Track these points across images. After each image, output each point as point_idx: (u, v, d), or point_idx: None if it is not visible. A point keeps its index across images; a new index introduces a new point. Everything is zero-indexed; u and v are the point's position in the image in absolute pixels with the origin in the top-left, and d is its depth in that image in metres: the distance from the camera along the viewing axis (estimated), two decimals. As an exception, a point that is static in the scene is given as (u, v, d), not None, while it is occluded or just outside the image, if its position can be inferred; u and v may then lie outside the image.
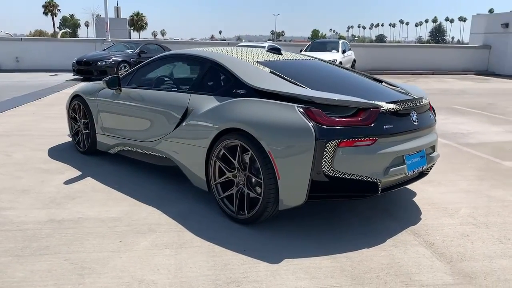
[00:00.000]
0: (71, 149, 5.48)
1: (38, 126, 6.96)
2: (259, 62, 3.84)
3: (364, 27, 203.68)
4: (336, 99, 3.08)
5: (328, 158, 2.93)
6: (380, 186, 3.10)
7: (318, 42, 18.84)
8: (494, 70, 20.85)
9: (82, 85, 5.56)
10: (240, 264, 2.78)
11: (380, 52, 21.05)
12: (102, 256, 2.85)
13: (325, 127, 2.95)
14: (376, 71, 18.96)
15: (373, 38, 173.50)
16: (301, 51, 17.53)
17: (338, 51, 17.07)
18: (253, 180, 3.26)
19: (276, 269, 2.72)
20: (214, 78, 3.93)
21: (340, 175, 2.98)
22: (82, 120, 5.23)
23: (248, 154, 3.24)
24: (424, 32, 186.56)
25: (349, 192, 3.09)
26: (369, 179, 3.05)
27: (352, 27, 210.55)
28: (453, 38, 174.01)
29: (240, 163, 3.31)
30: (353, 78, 4.00)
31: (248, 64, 3.79)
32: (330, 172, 2.96)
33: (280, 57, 4.17)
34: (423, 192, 4.13)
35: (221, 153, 3.44)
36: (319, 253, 2.92)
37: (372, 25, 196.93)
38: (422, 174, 3.58)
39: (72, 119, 5.43)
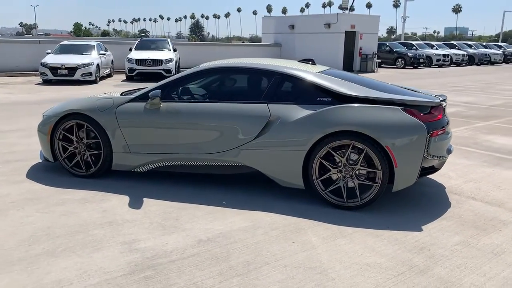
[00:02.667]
0: (62, 174, 4.84)
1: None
2: (322, 72, 4.47)
3: (125, 21, 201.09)
4: (419, 100, 4.06)
5: (428, 146, 3.91)
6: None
7: (146, 40, 18.77)
8: (287, 64, 24.57)
9: (76, 101, 4.92)
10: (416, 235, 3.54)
11: (196, 50, 22.14)
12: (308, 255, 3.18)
13: (426, 122, 3.91)
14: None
15: (136, 32, 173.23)
16: (130, 49, 17.21)
17: (170, 50, 17.45)
18: (362, 171, 3.96)
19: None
20: (291, 88, 4.34)
21: (431, 158, 4.00)
22: (86, 141, 4.72)
23: (348, 151, 3.91)
24: (184, 27, 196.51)
25: (433, 170, 4.14)
26: (443, 158, 4.17)
27: (113, 20, 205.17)
28: (208, 33, 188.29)
29: (348, 159, 3.96)
30: (378, 82, 4.89)
31: (319, 74, 4.37)
32: (428, 157, 3.95)
33: (321, 66, 4.81)
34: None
35: (324, 153, 4.00)
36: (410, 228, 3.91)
37: (133, 19, 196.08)
38: None
39: (62, 141, 4.79)
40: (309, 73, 4.37)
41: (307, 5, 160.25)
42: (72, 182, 4.67)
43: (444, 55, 28.16)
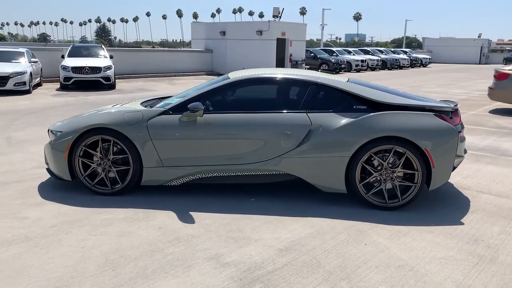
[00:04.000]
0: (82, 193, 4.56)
1: None
2: (350, 81, 4.72)
3: (22, 25, 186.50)
4: (443, 106, 4.48)
5: (457, 147, 4.34)
6: None
7: (79, 46, 17.76)
8: (218, 71, 24.64)
9: (98, 115, 4.67)
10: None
11: (128, 56, 21.35)
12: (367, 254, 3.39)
13: (454, 126, 4.33)
14: (126, 74, 19.56)
15: (35, 37, 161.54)
16: (63, 56, 16.24)
17: (106, 57, 16.75)
18: (400, 174, 4.27)
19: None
20: (327, 97, 4.52)
21: (457, 157, 4.44)
22: (112, 157, 4.50)
23: (389, 155, 4.22)
24: (90, 32, 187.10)
25: (453, 168, 4.59)
26: (462, 157, 4.63)
27: (7, 23, 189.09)
28: (115, 37, 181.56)
29: (388, 163, 4.26)
30: (394, 89, 5.22)
31: (349, 84, 4.62)
32: (456, 157, 4.38)
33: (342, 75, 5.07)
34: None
35: (366, 158, 4.25)
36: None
37: (32, 22, 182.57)
38: None
39: (83, 157, 4.52)
40: (342, 82, 4.61)
41: (240, 10, 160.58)
42: (98, 200, 4.43)
43: (362, 61, 30.15)
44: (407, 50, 42.11)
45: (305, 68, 24.00)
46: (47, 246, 3.42)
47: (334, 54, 29.82)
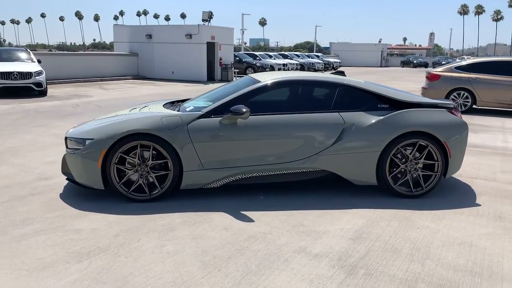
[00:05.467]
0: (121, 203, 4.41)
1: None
2: (366, 82, 5.13)
3: None
4: (449, 103, 5.07)
5: (466, 139, 4.95)
6: None
7: (1, 50, 16.22)
8: (145, 75, 24.09)
9: (135, 120, 4.53)
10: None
11: (52, 60, 19.96)
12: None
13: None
14: (50, 80, 18.46)
15: None
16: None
17: (34, 61, 15.60)
18: (421, 165, 4.76)
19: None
20: (355, 98, 4.85)
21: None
22: (151, 162, 4.42)
23: (414, 148, 4.71)
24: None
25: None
26: None
27: None
28: (5, 40, 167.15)
29: (413, 155, 4.72)
30: (398, 89, 5.71)
31: (370, 84, 5.02)
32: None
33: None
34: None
35: (394, 151, 4.68)
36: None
37: None
38: None
39: (118, 164, 4.38)
40: (364, 83, 5.01)
41: (145, 13, 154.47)
42: (139, 207, 4.33)
43: (283, 65, 31.26)
44: (319, 54, 44.47)
45: (235, 72, 24.36)
46: (129, 255, 3.33)
47: (258, 58, 30.57)
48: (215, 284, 2.94)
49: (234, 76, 24.20)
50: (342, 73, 5.59)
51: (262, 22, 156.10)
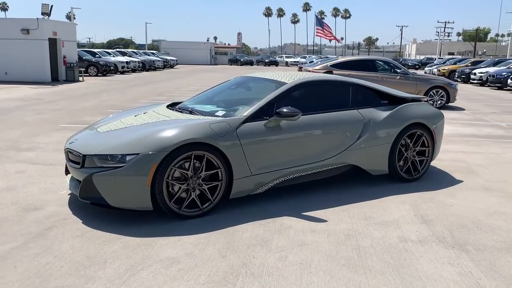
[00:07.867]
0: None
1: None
2: (362, 81, 5.57)
3: None
4: (422, 97, 5.87)
5: (439, 127, 5.82)
6: None
7: None
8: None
9: (183, 128, 4.05)
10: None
11: None
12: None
13: (438, 111, 5.79)
14: None
15: None
16: None
17: None
18: (415, 151, 5.44)
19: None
20: (365, 95, 5.20)
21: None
22: (204, 173, 4.03)
23: (414, 137, 5.37)
24: None
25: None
26: None
27: None
28: None
29: (413, 143, 5.36)
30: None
31: (371, 83, 5.46)
32: None
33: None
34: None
35: (401, 141, 5.25)
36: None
37: None
38: None
39: (172, 180, 3.90)
40: (367, 82, 5.44)
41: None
42: (191, 224, 3.94)
43: (127, 62, 29.75)
44: (154, 52, 43.61)
45: (80, 71, 22.28)
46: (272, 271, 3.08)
47: (97, 55, 28.45)
48: (386, 282, 2.98)
49: (80, 75, 22.15)
50: (330, 73, 5.91)
51: (69, 16, 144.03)
